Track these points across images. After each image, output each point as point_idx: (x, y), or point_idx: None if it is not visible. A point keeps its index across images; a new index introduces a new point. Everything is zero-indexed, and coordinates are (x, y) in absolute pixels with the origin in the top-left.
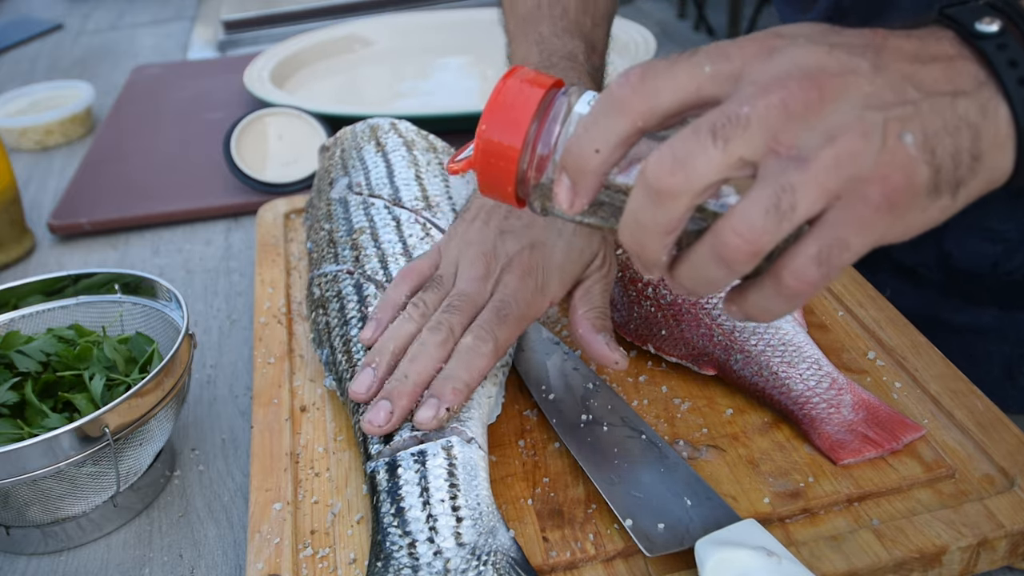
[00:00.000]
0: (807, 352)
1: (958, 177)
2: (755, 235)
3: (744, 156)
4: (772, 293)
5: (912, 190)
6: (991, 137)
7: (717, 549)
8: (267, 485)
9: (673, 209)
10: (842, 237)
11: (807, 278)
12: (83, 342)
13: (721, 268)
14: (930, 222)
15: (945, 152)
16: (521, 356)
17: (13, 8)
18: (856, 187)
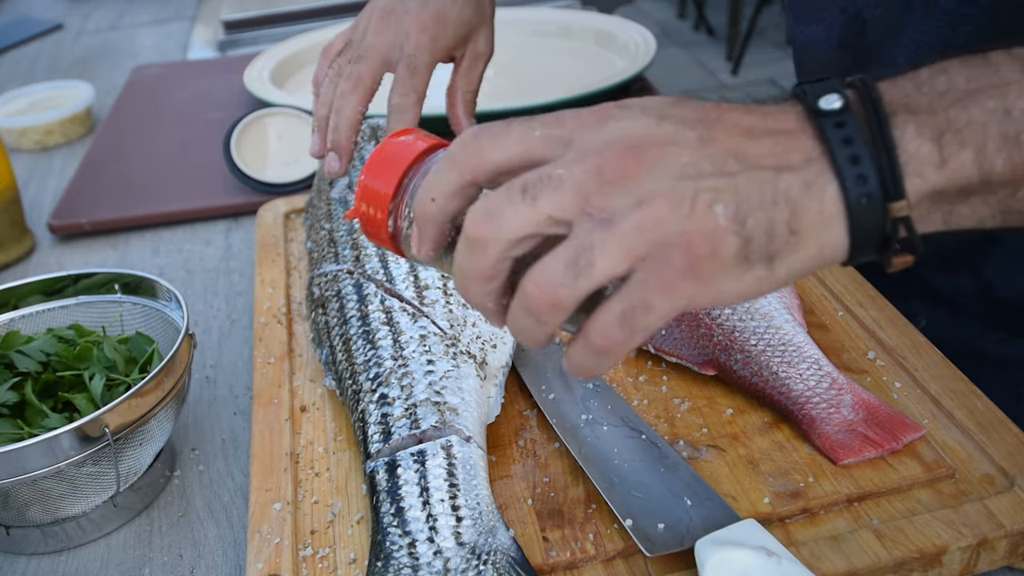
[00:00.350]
0: (807, 352)
1: (772, 250)
2: (552, 288)
3: (553, 215)
4: (583, 350)
5: (717, 258)
6: (814, 213)
7: (717, 549)
8: (267, 485)
9: (485, 258)
10: (645, 299)
11: (612, 337)
12: (83, 342)
13: (529, 318)
14: (747, 290)
15: (757, 224)
16: (521, 356)
17: (13, 8)
18: (660, 251)
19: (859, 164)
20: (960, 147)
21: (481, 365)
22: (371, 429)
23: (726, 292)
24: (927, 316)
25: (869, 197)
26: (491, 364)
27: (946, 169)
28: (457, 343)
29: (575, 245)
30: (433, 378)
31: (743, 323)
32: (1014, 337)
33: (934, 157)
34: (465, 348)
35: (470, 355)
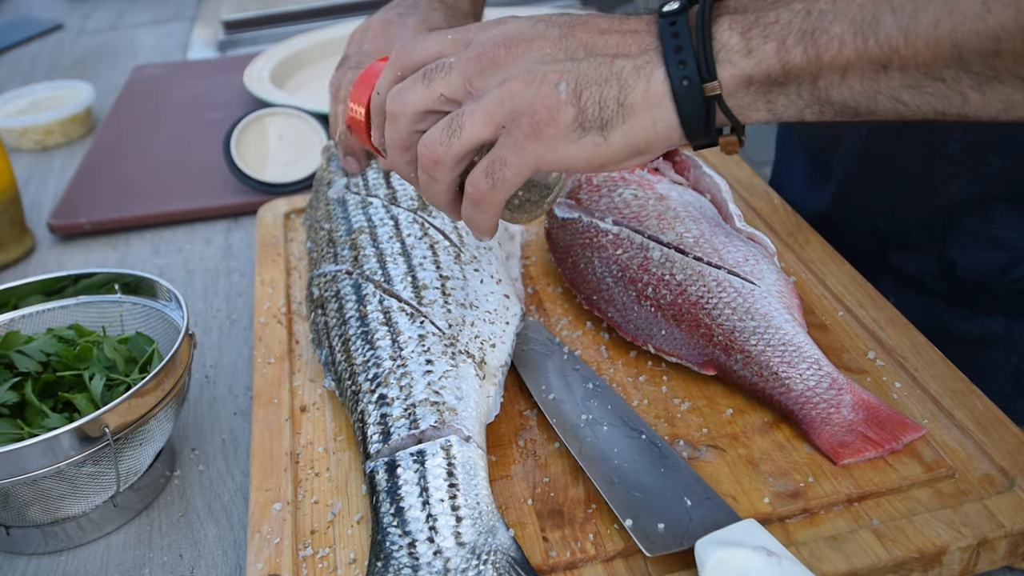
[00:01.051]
0: (807, 352)
1: (603, 118)
2: (433, 146)
3: (444, 93)
4: (466, 202)
5: (556, 124)
6: (640, 91)
7: (717, 549)
8: (267, 485)
9: (398, 128)
10: (502, 156)
11: (479, 186)
12: (83, 342)
13: (423, 174)
14: (586, 154)
15: (591, 98)
16: (521, 356)
17: (13, 8)
18: (513, 119)
19: (681, 52)
20: (764, 40)
21: (480, 365)
22: (370, 429)
23: (568, 155)
24: (896, 296)
25: (689, 79)
26: (490, 363)
27: (751, 57)
28: (456, 343)
29: (452, 115)
30: (432, 378)
31: (743, 323)
32: (975, 314)
33: (741, 46)
34: (464, 348)
35: (469, 355)
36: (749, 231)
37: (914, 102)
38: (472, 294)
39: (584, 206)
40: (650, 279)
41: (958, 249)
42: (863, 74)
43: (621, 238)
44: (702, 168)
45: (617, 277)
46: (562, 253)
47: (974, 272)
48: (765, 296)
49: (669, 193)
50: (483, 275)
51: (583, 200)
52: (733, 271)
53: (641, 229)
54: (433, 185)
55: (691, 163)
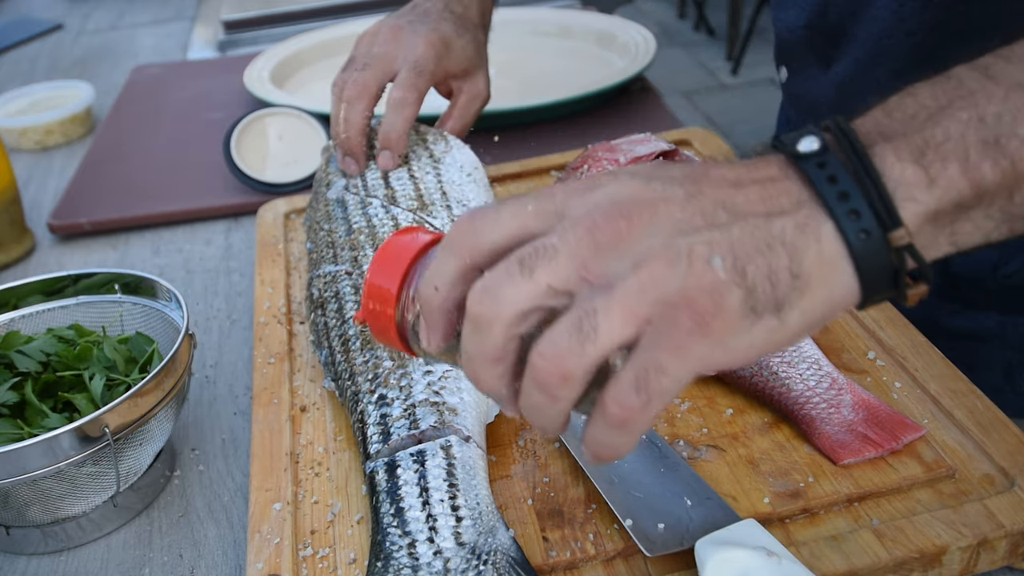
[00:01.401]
0: (807, 352)
1: (778, 297)
2: (559, 357)
3: (552, 284)
4: (601, 425)
5: (723, 313)
6: (813, 254)
7: (717, 549)
8: (267, 485)
9: (490, 337)
10: (657, 361)
11: (628, 404)
12: (83, 342)
13: (541, 394)
14: (760, 344)
15: (758, 272)
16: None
17: (13, 8)
18: (665, 312)
19: (848, 199)
20: (944, 163)
21: None
22: (370, 430)
23: (739, 348)
24: None
25: (867, 232)
26: None
27: (936, 187)
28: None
29: (578, 312)
30: (432, 378)
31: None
32: (967, 309)
33: (920, 177)
34: None
35: None
36: None
37: None
38: None
39: None
40: None
41: None
42: None
43: None
44: None
45: None
46: None
47: (966, 268)
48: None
49: None
50: None
51: None
52: None
53: None
54: (553, 406)
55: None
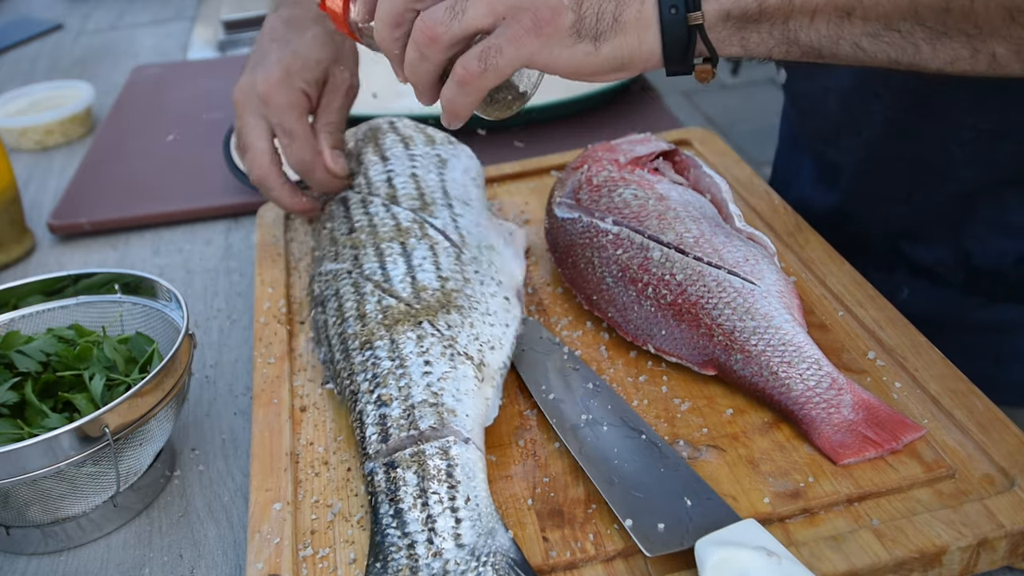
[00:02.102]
0: (807, 352)
1: (599, 29)
2: (432, 24)
3: None
4: (450, 83)
5: (555, 24)
6: (635, 11)
7: (717, 549)
8: (267, 485)
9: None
10: (499, 44)
11: (470, 68)
12: (83, 342)
13: (415, 51)
14: (577, 61)
15: (590, 8)
16: (521, 356)
17: (13, 8)
18: (516, 13)
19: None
20: None
21: (479, 366)
22: (369, 430)
23: (560, 57)
24: (909, 287)
25: (676, 8)
26: (489, 365)
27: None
28: (455, 344)
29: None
30: (431, 379)
31: (743, 323)
32: (992, 302)
33: None
34: (463, 349)
35: (468, 356)
36: (749, 231)
37: (872, 49)
38: (472, 295)
39: (584, 206)
40: (650, 279)
41: (973, 239)
42: (829, 19)
43: (621, 238)
44: (702, 168)
45: (617, 277)
46: (562, 253)
47: (989, 261)
48: (765, 296)
49: (669, 193)
50: (483, 276)
51: (583, 200)
52: (733, 271)
53: (641, 229)
54: (422, 64)
55: (691, 163)
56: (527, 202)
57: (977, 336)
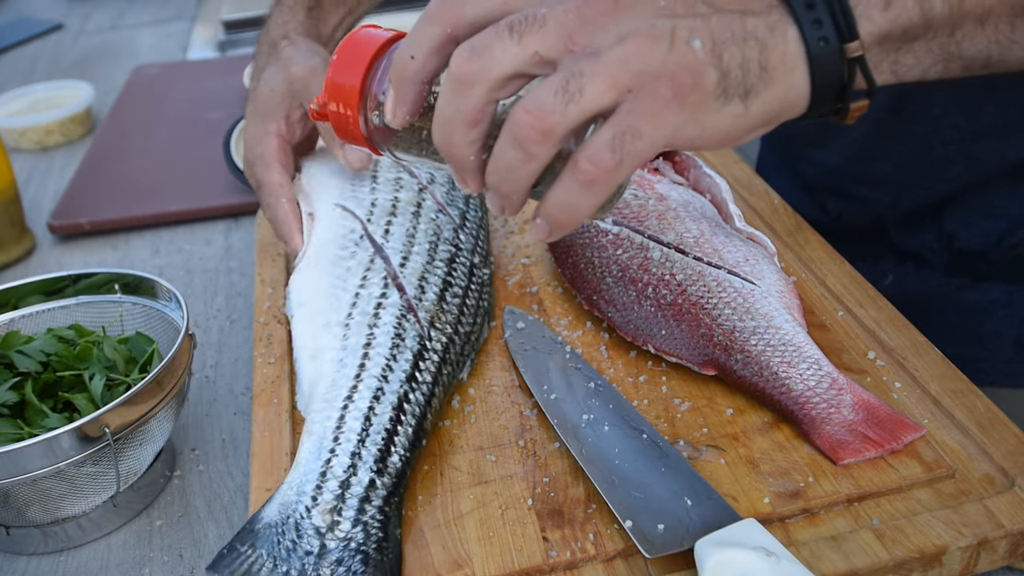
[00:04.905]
0: (807, 352)
1: (747, 84)
2: (543, 113)
3: (539, 52)
4: (569, 183)
5: (700, 89)
6: (779, 53)
7: (717, 549)
8: (267, 485)
9: (471, 98)
10: (634, 125)
11: (602, 162)
12: (83, 342)
13: (517, 151)
14: (727, 126)
15: (732, 59)
16: (523, 355)
17: (13, 8)
18: (646, 82)
19: (814, 9)
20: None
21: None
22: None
23: (708, 126)
24: (894, 273)
25: (826, 40)
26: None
27: (891, 10)
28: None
29: (564, 74)
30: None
31: (743, 323)
32: (976, 283)
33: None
34: None
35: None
36: (749, 231)
37: None
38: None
39: None
40: (650, 279)
41: (956, 222)
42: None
43: (621, 238)
44: (702, 168)
45: (617, 277)
46: (562, 253)
47: (973, 242)
48: (765, 296)
49: (669, 193)
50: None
51: None
52: (733, 271)
53: (641, 229)
54: (525, 166)
55: (691, 163)
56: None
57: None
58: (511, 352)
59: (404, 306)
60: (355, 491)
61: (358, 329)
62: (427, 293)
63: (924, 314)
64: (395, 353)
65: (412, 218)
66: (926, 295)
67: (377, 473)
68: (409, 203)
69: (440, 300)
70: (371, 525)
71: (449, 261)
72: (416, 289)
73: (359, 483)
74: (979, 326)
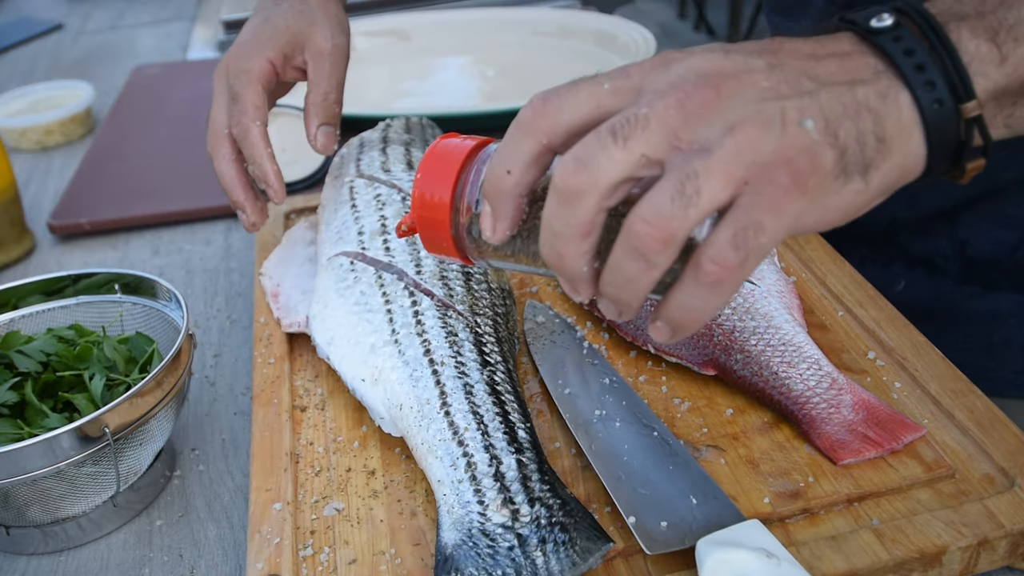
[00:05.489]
0: (807, 352)
1: (866, 159)
2: (663, 221)
3: (646, 153)
4: (693, 286)
5: (819, 171)
6: (894, 121)
7: (717, 549)
8: (267, 485)
9: (581, 210)
10: (756, 219)
11: (726, 262)
12: (83, 342)
13: (637, 261)
14: (847, 207)
15: (848, 135)
16: (541, 348)
17: (13, 8)
18: (762, 172)
19: (925, 71)
20: (1016, 43)
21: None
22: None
23: (830, 208)
24: (906, 279)
25: (940, 102)
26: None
27: (1007, 65)
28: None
29: (679, 176)
30: None
31: (743, 323)
32: (987, 291)
33: (994, 55)
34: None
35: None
36: None
37: None
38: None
39: None
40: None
41: (969, 229)
42: None
43: None
44: None
45: None
46: None
47: (985, 251)
48: (765, 296)
49: None
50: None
51: None
52: None
53: None
54: (648, 274)
55: None
56: None
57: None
58: (528, 345)
59: (440, 306)
60: (511, 476)
61: (409, 341)
62: (454, 288)
63: (934, 321)
64: (457, 349)
65: None
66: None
67: (517, 452)
68: (397, 215)
69: (468, 290)
70: (545, 498)
71: None
72: (443, 288)
73: (509, 468)
74: (988, 335)
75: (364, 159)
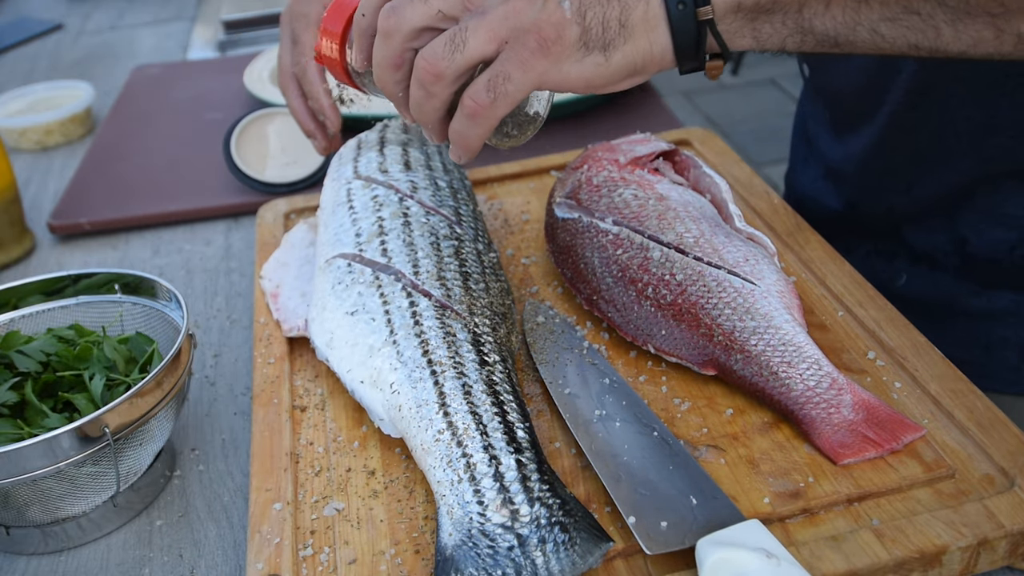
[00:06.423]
0: (807, 352)
1: (606, 39)
2: (435, 59)
3: (443, 10)
4: (460, 116)
5: (562, 42)
6: (640, 13)
7: (717, 549)
8: (267, 485)
9: (391, 46)
10: (507, 71)
11: (481, 100)
12: (83, 342)
13: (420, 90)
14: (589, 74)
15: (595, 17)
16: (542, 348)
17: (13, 8)
18: (519, 35)
19: None
20: None
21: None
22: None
23: (571, 74)
24: (908, 274)
25: (684, 4)
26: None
27: None
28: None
29: (454, 29)
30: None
31: (743, 323)
32: (986, 289)
33: None
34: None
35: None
36: (749, 231)
37: (891, 34)
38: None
39: (584, 206)
40: (650, 279)
41: (969, 227)
42: (845, 5)
43: (621, 238)
44: (702, 168)
45: (617, 277)
46: (562, 253)
47: (984, 249)
48: (765, 296)
49: (669, 193)
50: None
51: (583, 200)
52: (733, 271)
53: (641, 229)
54: (428, 102)
55: (691, 163)
56: (528, 202)
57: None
58: (528, 345)
59: (438, 307)
60: (510, 476)
61: (407, 342)
62: (452, 288)
63: (933, 317)
64: (456, 349)
65: (404, 229)
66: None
67: (516, 452)
68: (395, 216)
69: (466, 290)
70: (544, 497)
71: (456, 254)
72: (440, 289)
73: (508, 468)
74: (986, 332)
75: (361, 160)
